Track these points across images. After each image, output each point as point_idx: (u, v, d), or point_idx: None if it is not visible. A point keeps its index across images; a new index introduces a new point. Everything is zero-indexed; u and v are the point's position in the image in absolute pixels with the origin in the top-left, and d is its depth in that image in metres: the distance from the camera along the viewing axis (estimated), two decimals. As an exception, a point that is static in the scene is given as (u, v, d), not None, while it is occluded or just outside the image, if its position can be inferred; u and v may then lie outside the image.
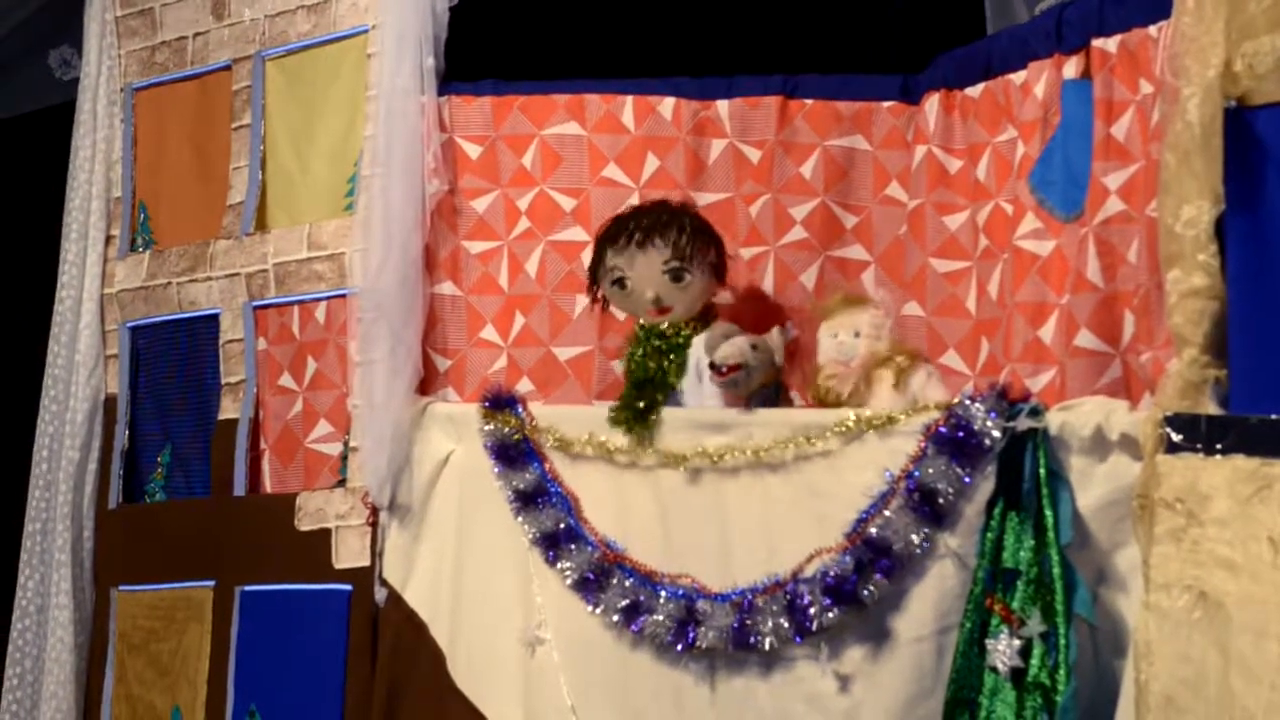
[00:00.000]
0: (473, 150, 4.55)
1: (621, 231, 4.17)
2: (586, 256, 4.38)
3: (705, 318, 4.18)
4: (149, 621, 4.94)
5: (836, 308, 4.03)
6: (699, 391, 4.08)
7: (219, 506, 4.84)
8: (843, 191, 4.38)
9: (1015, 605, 3.49)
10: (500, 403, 4.28)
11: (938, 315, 4.15)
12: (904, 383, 3.86)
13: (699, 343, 4.11)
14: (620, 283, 4.18)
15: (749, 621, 3.79)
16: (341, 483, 4.60)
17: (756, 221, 4.38)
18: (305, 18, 4.85)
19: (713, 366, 3.96)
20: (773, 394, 4.05)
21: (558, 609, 4.10)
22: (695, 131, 4.43)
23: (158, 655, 4.91)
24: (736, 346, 3.94)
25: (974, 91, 4.11)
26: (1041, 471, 3.49)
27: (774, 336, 4.04)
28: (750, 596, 3.82)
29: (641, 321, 4.20)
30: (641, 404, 4.07)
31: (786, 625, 3.75)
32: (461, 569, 4.33)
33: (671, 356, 4.13)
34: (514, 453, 4.23)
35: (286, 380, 4.78)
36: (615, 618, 3.97)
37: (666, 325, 4.16)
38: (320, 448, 4.70)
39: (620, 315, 4.35)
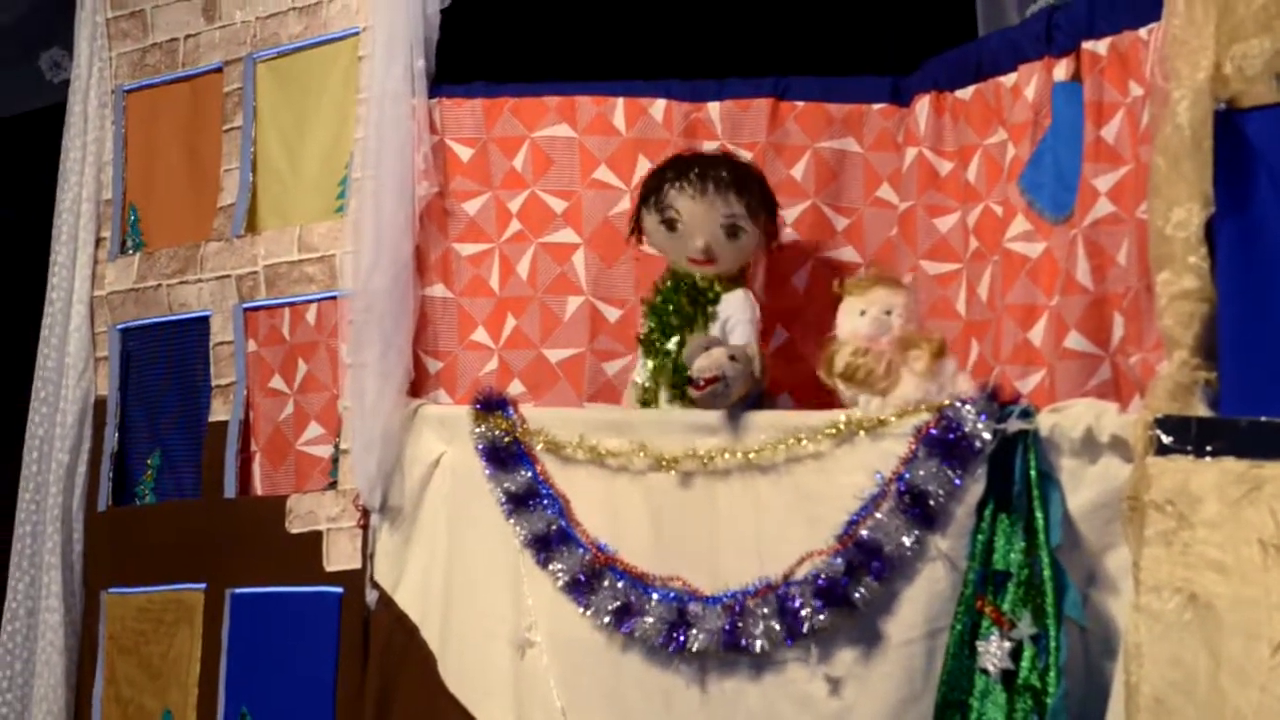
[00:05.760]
0: (464, 152, 4.54)
1: (689, 172, 4.12)
2: (578, 259, 4.38)
3: (739, 280, 4.17)
4: (139, 624, 4.93)
5: (869, 284, 3.98)
6: None
7: (209, 509, 4.83)
8: (834, 193, 4.37)
9: (1006, 607, 3.49)
10: (491, 405, 4.27)
11: (928, 317, 4.14)
12: (938, 368, 3.81)
13: (729, 300, 4.10)
14: (671, 223, 4.13)
15: (740, 624, 3.78)
16: (332, 485, 4.60)
17: (748, 224, 4.36)
18: (296, 20, 4.84)
19: (690, 380, 3.94)
20: (754, 406, 4.01)
21: (548, 611, 4.09)
22: (686, 133, 4.41)
23: (148, 658, 4.90)
24: (714, 358, 3.90)
25: (964, 94, 4.10)
26: (1032, 473, 3.49)
27: (752, 346, 4.01)
28: (741, 599, 3.81)
29: (675, 268, 4.17)
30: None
31: (777, 627, 3.75)
32: (452, 571, 4.32)
33: (702, 308, 4.12)
34: (505, 455, 4.21)
35: (277, 382, 4.77)
36: (606, 620, 3.96)
37: (700, 277, 4.13)
38: (311, 450, 4.70)
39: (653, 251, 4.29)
